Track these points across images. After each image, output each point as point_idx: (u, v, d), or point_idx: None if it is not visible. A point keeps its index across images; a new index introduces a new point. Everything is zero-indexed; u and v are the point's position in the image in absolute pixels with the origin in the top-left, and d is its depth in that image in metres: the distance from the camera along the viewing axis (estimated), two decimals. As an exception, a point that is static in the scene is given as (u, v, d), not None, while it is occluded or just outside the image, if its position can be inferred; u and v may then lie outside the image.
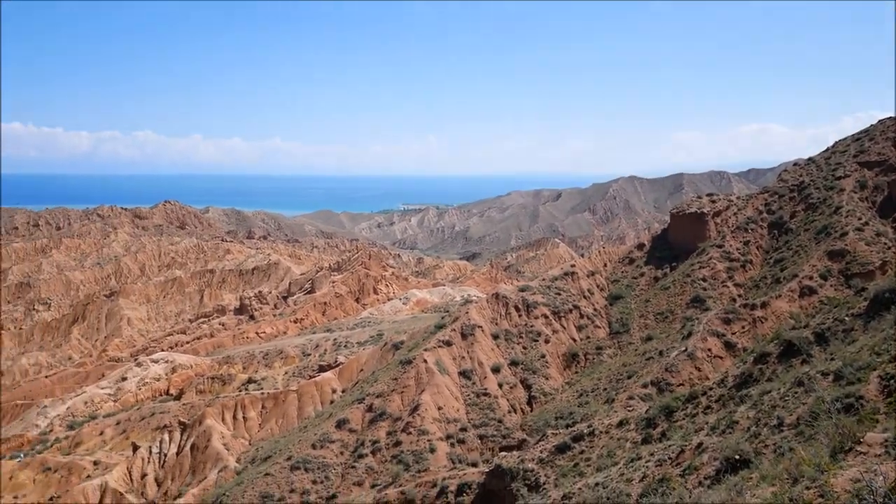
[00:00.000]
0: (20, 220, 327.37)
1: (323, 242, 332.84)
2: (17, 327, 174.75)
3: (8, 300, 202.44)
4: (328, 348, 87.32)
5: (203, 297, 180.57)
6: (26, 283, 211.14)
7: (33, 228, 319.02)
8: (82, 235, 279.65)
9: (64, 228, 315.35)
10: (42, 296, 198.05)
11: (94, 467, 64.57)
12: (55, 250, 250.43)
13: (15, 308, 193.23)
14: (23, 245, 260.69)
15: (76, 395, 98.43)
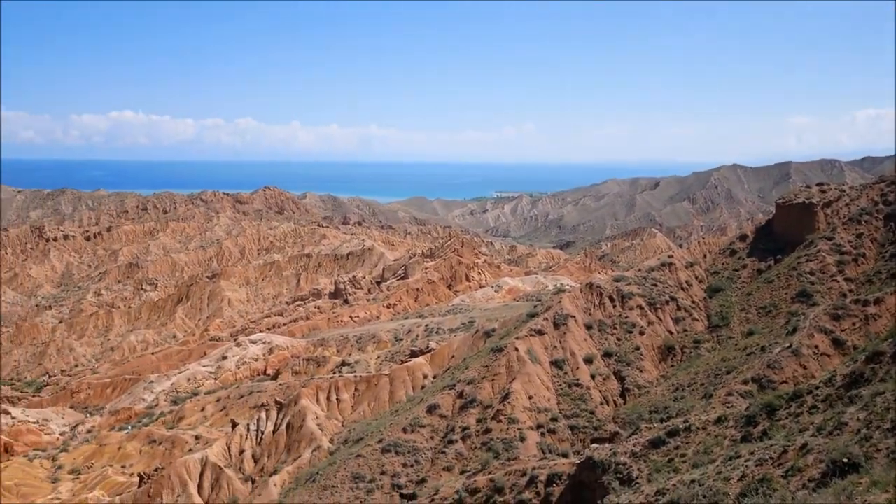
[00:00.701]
0: (130, 204, 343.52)
1: (416, 229, 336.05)
2: (126, 306, 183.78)
3: (118, 279, 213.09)
4: (420, 334, 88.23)
5: (300, 281, 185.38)
6: (135, 263, 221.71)
7: (142, 212, 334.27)
8: (187, 219, 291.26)
9: (170, 212, 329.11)
10: (149, 276, 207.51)
11: (195, 441, 67.42)
12: (162, 233, 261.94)
13: (125, 287, 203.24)
14: (132, 228, 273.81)
15: (180, 371, 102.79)
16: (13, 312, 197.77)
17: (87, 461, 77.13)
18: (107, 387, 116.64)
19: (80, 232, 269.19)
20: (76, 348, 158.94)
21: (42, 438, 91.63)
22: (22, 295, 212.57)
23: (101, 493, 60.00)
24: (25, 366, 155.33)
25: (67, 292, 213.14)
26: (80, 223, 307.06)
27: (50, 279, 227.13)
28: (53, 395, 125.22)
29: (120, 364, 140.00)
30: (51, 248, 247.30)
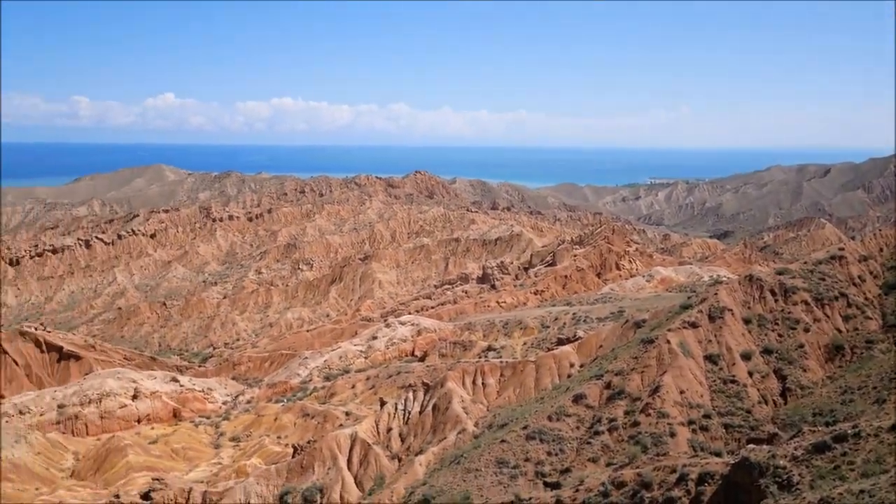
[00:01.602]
0: (289, 187, 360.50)
1: (565, 215, 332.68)
2: (284, 284, 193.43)
3: (277, 259, 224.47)
4: (567, 322, 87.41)
5: (448, 265, 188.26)
6: (293, 244, 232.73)
7: (300, 195, 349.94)
8: (341, 202, 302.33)
9: (326, 195, 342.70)
10: (305, 256, 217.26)
11: (345, 417, 70.14)
12: (318, 215, 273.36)
13: (283, 266, 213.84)
14: (290, 210, 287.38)
15: (332, 349, 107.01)
16: (182, 287, 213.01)
17: (246, 430, 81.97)
18: (265, 360, 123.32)
19: (244, 213, 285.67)
20: (238, 323, 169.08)
21: (207, 406, 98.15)
22: (190, 271, 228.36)
23: (259, 460, 63.65)
24: (192, 337, 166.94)
25: (231, 270, 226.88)
26: (244, 205, 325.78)
27: (216, 257, 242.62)
28: (217, 366, 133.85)
29: (277, 339, 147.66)
30: (217, 227, 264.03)
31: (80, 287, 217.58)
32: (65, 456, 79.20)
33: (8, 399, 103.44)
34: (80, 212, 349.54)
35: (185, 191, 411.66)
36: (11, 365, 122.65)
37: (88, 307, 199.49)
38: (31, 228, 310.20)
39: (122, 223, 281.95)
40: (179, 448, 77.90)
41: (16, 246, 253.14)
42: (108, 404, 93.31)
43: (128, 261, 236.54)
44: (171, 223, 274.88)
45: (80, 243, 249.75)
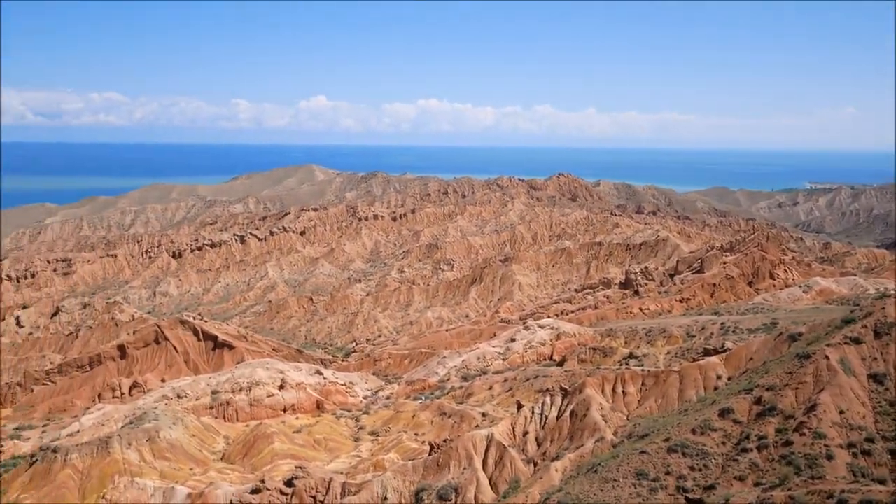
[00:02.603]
0: (433, 188, 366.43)
1: (715, 220, 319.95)
2: (425, 283, 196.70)
3: (419, 258, 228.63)
4: (714, 332, 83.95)
5: (589, 269, 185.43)
6: (434, 244, 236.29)
7: (443, 195, 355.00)
8: (483, 203, 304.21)
9: (468, 196, 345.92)
10: (447, 257, 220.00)
11: (482, 418, 70.39)
12: (460, 216, 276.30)
13: (424, 266, 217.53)
14: (433, 210, 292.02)
15: (471, 350, 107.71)
16: (328, 283, 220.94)
17: (384, 425, 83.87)
18: (405, 358, 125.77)
19: (388, 212, 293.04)
20: (380, 320, 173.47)
21: (348, 399, 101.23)
22: (336, 268, 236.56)
23: (396, 455, 64.93)
24: (337, 332, 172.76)
25: (375, 268, 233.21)
26: (388, 204, 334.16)
27: (361, 255, 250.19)
28: (359, 360, 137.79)
29: (417, 338, 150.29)
30: (362, 226, 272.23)
31: (235, 280, 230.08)
32: (216, 439, 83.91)
33: (168, 383, 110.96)
34: (237, 209, 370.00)
35: (333, 190, 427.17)
36: (171, 351, 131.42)
37: (242, 299, 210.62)
38: (193, 224, 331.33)
39: (275, 220, 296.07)
40: (321, 439, 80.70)
41: (178, 240, 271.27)
42: (257, 393, 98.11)
43: (279, 256, 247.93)
44: (319, 221, 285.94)
45: (235, 239, 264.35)
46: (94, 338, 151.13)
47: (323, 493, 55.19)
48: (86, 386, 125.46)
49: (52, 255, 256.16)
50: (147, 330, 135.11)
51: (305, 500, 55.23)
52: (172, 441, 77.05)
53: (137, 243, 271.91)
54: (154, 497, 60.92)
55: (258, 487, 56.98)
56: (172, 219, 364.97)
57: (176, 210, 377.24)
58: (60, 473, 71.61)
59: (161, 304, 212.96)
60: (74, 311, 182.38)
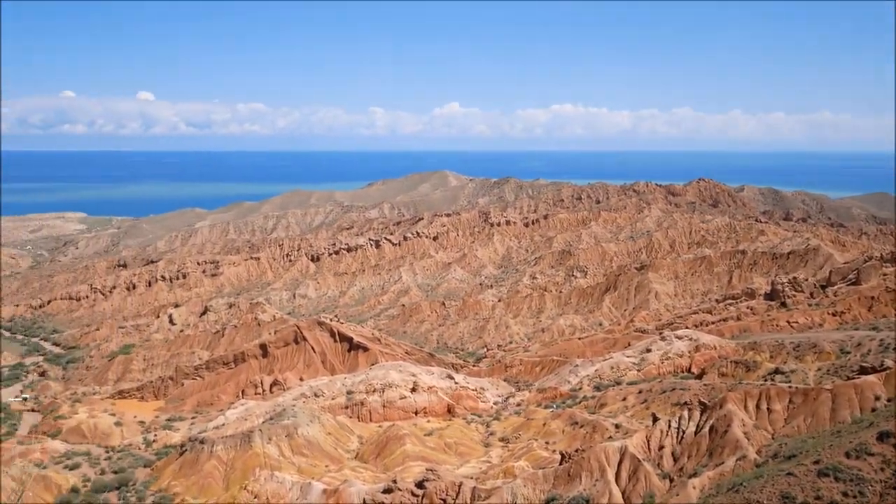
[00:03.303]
0: (566, 194, 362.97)
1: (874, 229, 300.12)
2: (557, 290, 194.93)
3: (551, 265, 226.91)
4: (873, 348, 78.52)
5: (732, 278, 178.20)
6: (567, 250, 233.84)
7: (576, 201, 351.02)
8: (618, 209, 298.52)
9: (602, 202, 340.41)
10: (580, 264, 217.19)
11: (615, 429, 68.85)
12: (594, 222, 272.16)
13: (556, 273, 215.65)
14: (566, 216, 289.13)
15: (604, 359, 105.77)
16: (460, 288, 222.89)
17: (515, 432, 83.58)
18: (536, 365, 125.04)
19: (520, 218, 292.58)
20: (511, 326, 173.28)
21: (479, 405, 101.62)
22: (468, 273, 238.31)
23: (526, 463, 64.51)
24: (468, 337, 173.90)
25: (506, 273, 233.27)
26: (521, 210, 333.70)
27: (492, 260, 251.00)
28: (490, 366, 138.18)
29: (549, 345, 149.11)
30: (494, 232, 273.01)
31: (370, 283, 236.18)
32: (351, 438, 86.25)
33: (306, 381, 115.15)
34: (372, 214, 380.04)
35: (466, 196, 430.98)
36: (310, 351, 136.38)
37: (376, 302, 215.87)
38: (330, 228, 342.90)
39: (409, 225, 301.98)
40: (452, 442, 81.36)
41: (317, 244, 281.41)
42: (390, 395, 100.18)
43: (412, 261, 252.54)
44: (452, 227, 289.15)
45: (370, 243, 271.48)
46: (239, 336, 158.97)
47: (453, 496, 55.54)
48: (230, 382, 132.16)
49: (202, 258, 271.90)
50: (287, 330, 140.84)
51: (436, 502, 55.76)
52: (309, 438, 79.85)
53: (279, 247, 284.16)
54: (292, 491, 63.26)
55: (390, 487, 58.03)
56: (311, 223, 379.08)
57: (315, 215, 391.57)
58: (207, 464, 75.80)
59: (300, 305, 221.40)
60: (221, 311, 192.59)
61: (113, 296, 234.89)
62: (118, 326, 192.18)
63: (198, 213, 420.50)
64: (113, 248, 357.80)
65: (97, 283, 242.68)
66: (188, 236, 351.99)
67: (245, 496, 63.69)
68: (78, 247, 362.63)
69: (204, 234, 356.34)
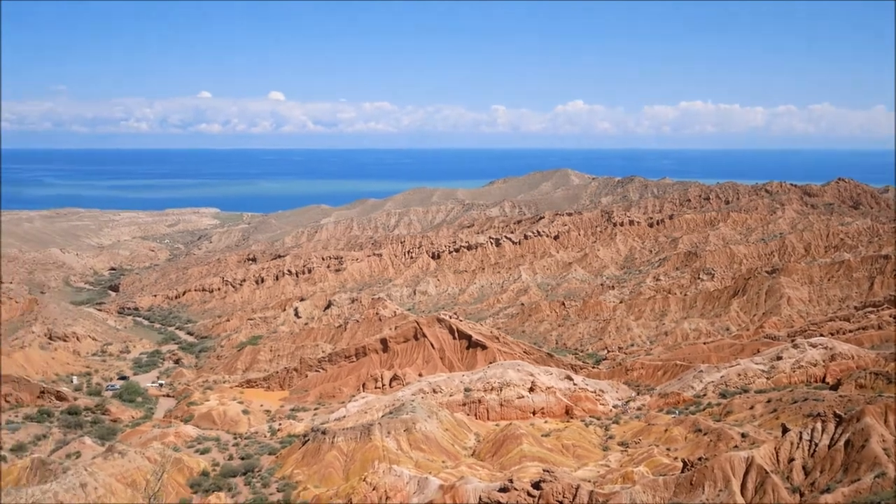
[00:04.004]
0: (693, 193, 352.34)
1: None
2: (682, 293, 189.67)
3: (676, 267, 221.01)
4: None
5: (873, 285, 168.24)
6: (693, 252, 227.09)
7: (704, 201, 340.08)
8: (749, 210, 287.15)
9: (732, 202, 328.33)
10: (706, 266, 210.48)
11: (741, 439, 66.52)
12: (722, 223, 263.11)
13: (682, 275, 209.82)
14: (693, 217, 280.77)
15: (731, 365, 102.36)
16: (581, 289, 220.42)
17: (634, 436, 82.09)
18: (658, 369, 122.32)
19: (644, 218, 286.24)
20: (633, 328, 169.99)
21: (598, 407, 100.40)
22: (590, 273, 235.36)
23: (646, 469, 63.27)
24: (588, 339, 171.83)
25: (629, 274, 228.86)
26: (645, 210, 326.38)
27: (614, 261, 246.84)
28: (610, 369, 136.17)
29: (672, 349, 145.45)
30: (617, 231, 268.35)
31: (489, 282, 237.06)
32: (468, 436, 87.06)
33: (424, 377, 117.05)
34: (493, 212, 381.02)
35: (588, 195, 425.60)
36: (429, 347, 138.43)
37: (495, 301, 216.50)
38: (451, 226, 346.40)
39: (529, 224, 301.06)
40: (569, 444, 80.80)
41: (438, 241, 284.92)
42: (508, 394, 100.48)
43: (532, 260, 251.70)
44: (573, 226, 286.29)
45: (491, 241, 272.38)
46: (361, 331, 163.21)
47: (570, 499, 55.19)
48: (352, 375, 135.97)
49: (327, 253, 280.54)
50: (407, 326, 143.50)
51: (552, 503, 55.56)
52: (427, 433, 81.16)
53: (401, 244, 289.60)
54: (409, 485, 64.51)
55: (506, 487, 58.24)
56: (433, 221, 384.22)
57: (436, 213, 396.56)
58: (328, 454, 78.40)
59: (420, 302, 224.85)
60: (344, 305, 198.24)
61: (243, 288, 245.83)
62: (247, 318, 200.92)
63: (323, 210, 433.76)
64: (243, 242, 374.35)
65: (228, 276, 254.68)
66: (314, 232, 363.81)
67: (364, 487, 65.32)
68: (211, 241, 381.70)
69: (329, 230, 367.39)
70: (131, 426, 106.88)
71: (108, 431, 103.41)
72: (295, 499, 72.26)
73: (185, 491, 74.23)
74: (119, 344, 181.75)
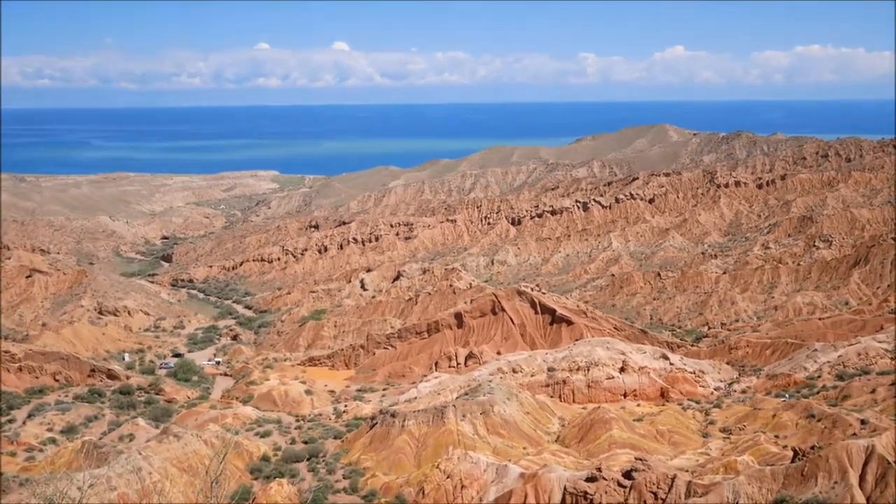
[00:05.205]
0: (809, 150, 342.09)
1: None
2: (794, 263, 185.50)
3: (788, 233, 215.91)
4: None
5: None
6: (808, 216, 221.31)
7: (821, 159, 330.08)
8: (874, 169, 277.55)
9: (854, 160, 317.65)
10: (823, 232, 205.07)
11: (860, 426, 65.26)
12: (842, 184, 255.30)
13: (795, 242, 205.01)
14: (809, 177, 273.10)
15: (850, 344, 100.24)
16: (679, 258, 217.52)
17: (738, 422, 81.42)
18: (766, 348, 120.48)
19: (752, 179, 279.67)
20: (738, 302, 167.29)
21: (697, 389, 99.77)
22: (689, 241, 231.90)
23: (751, 458, 62.80)
24: (686, 313, 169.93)
25: (734, 242, 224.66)
26: (753, 169, 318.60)
27: (717, 227, 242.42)
28: (711, 347, 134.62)
29: (782, 325, 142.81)
30: (721, 194, 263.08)
31: (576, 250, 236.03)
32: (551, 420, 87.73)
33: (503, 355, 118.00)
34: (580, 173, 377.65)
35: (688, 153, 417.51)
36: (508, 322, 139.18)
37: (582, 271, 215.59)
38: (533, 189, 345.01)
39: (621, 186, 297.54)
40: (665, 430, 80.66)
41: (518, 206, 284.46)
42: (596, 374, 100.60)
43: (624, 226, 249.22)
44: (671, 188, 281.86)
45: (577, 205, 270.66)
46: (433, 304, 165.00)
47: (665, 490, 55.35)
48: (423, 353, 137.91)
49: (395, 219, 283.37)
50: (484, 299, 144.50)
51: (645, 495, 55.82)
52: (506, 417, 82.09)
53: (477, 209, 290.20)
54: (487, 473, 65.55)
55: (594, 476, 58.70)
56: (512, 183, 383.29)
57: (516, 174, 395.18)
58: (398, 438, 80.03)
59: (498, 272, 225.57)
60: (414, 276, 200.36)
61: (304, 258, 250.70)
62: (309, 291, 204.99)
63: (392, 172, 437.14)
64: (305, 207, 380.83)
65: (289, 245, 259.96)
66: (381, 196, 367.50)
67: (437, 475, 66.43)
68: (270, 206, 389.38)
69: (398, 193, 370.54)
70: (187, 407, 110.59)
71: (162, 412, 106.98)
72: (363, 486, 73.83)
73: (244, 477, 76.09)
74: (173, 319, 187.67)
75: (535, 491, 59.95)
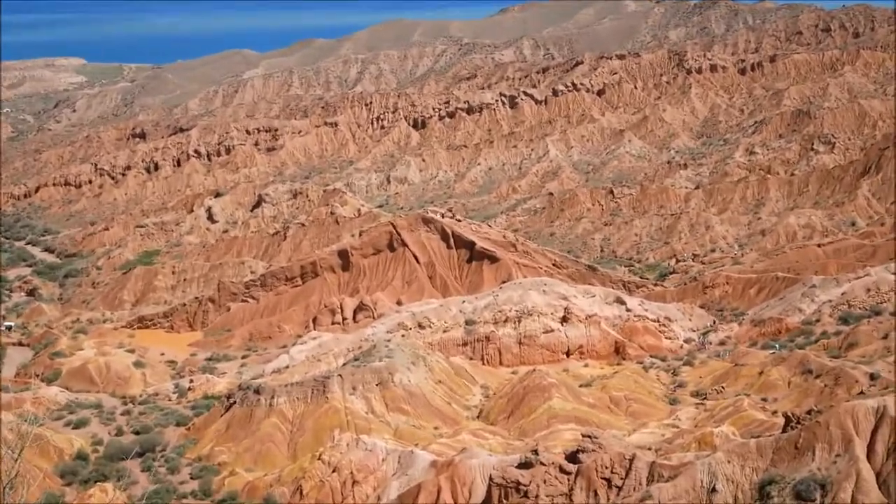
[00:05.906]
0: (806, 22, 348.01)
1: None
2: (787, 172, 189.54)
3: (779, 133, 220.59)
4: None
5: None
6: (804, 111, 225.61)
7: (822, 34, 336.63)
8: (888, 47, 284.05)
9: (864, 35, 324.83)
10: (823, 131, 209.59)
11: (869, 382, 67.89)
12: (849, 66, 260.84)
13: (788, 145, 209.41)
14: (806, 57, 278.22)
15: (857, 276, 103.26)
16: (638, 169, 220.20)
17: (715, 382, 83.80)
18: (750, 285, 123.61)
19: (733, 62, 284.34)
20: (714, 226, 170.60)
21: (662, 343, 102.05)
22: (651, 146, 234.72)
23: (732, 429, 64.67)
24: (648, 242, 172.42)
25: (709, 147, 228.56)
26: (734, 48, 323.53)
27: (688, 126, 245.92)
28: (680, 286, 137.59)
29: (771, 255, 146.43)
30: (692, 82, 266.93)
31: (500, 162, 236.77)
32: (471, 389, 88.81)
33: (406, 306, 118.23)
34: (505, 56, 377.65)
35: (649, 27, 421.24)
36: (411, 261, 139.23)
37: (510, 190, 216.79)
38: (442, 78, 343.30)
39: (560, 73, 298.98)
40: (621, 397, 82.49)
41: (422, 102, 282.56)
42: (530, 326, 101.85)
43: (565, 127, 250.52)
44: (626, 75, 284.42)
45: (502, 100, 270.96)
46: (308, 239, 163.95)
47: (621, 475, 56.64)
48: (296, 305, 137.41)
49: (253, 124, 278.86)
50: (378, 231, 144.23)
51: (595, 483, 57.04)
52: (411, 388, 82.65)
53: (366, 107, 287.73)
54: (387, 463, 65.93)
55: (529, 461, 59.64)
56: (414, 71, 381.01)
57: (419, 58, 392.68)
58: (265, 422, 79.64)
59: (397, 194, 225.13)
60: (282, 202, 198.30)
61: (127, 180, 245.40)
62: (135, 225, 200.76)
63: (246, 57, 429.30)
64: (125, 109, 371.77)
65: (104, 163, 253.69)
66: (233, 92, 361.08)
67: (320, 469, 65.94)
68: (76, 108, 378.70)
69: (255, 87, 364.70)
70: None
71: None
72: (218, 488, 72.62)
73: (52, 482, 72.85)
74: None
75: (452, 483, 60.37)
